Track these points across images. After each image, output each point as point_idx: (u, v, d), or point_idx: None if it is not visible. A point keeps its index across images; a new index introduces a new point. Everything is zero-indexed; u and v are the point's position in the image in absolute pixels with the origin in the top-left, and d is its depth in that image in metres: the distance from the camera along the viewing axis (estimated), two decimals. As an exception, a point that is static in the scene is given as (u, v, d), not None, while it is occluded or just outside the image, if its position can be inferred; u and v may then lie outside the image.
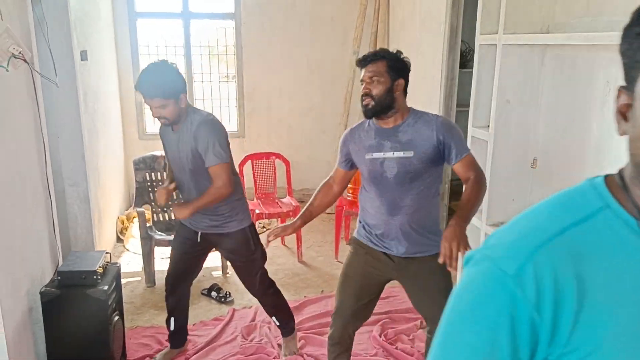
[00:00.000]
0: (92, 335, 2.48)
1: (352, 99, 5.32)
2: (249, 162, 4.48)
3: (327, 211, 5.37)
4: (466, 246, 1.95)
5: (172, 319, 2.79)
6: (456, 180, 4.68)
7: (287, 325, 2.85)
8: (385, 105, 2.08)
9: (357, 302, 2.29)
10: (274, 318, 2.83)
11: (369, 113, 2.10)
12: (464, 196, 2.08)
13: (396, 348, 2.93)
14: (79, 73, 3.44)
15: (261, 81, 5.45)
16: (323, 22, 5.39)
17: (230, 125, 5.60)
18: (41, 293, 2.42)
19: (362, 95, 2.10)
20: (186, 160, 2.43)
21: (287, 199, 4.43)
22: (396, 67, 2.10)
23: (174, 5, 5.29)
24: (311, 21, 5.37)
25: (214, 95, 5.61)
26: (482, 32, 2.86)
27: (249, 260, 2.64)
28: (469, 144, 3.05)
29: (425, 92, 4.27)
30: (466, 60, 4.95)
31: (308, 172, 5.57)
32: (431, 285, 2.20)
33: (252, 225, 2.66)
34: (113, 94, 4.88)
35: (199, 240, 2.60)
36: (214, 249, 2.77)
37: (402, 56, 2.14)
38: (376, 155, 2.14)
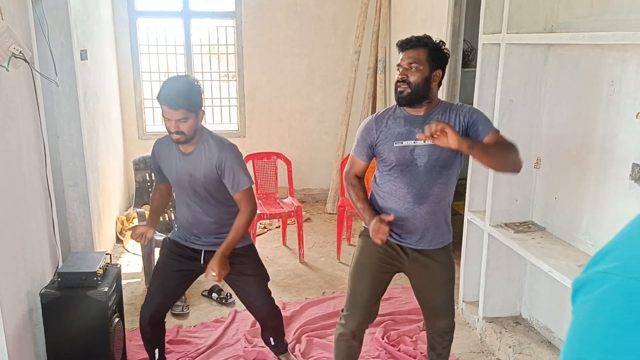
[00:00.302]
0: (92, 337, 2.46)
1: (354, 99, 5.30)
2: (250, 162, 4.46)
3: (329, 211, 5.39)
4: (446, 130, 1.78)
5: (157, 350, 2.59)
6: (459, 181, 4.66)
7: (282, 343, 2.74)
8: (420, 94, 2.03)
9: (372, 293, 2.25)
10: (271, 339, 2.69)
11: (403, 101, 2.05)
12: (499, 147, 1.98)
13: (399, 350, 2.91)
14: (79, 73, 3.42)
15: (262, 80, 5.43)
16: (324, 21, 5.37)
17: (231, 124, 5.58)
18: (41, 294, 2.40)
19: (398, 82, 2.04)
20: (199, 183, 2.33)
21: (288, 199, 4.41)
22: (437, 57, 2.05)
23: (174, 4, 5.27)
24: (312, 20, 5.35)
25: (215, 95, 5.58)
26: (485, 31, 2.84)
27: (259, 275, 2.52)
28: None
29: (427, 92, 4.24)
30: (468, 59, 4.93)
31: (309, 172, 5.56)
32: (439, 276, 2.25)
33: (254, 245, 2.61)
34: (113, 93, 4.86)
35: (202, 261, 2.43)
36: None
37: (444, 47, 2.08)
38: (406, 143, 2.08)
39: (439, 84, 2.11)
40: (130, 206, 5.11)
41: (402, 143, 2.09)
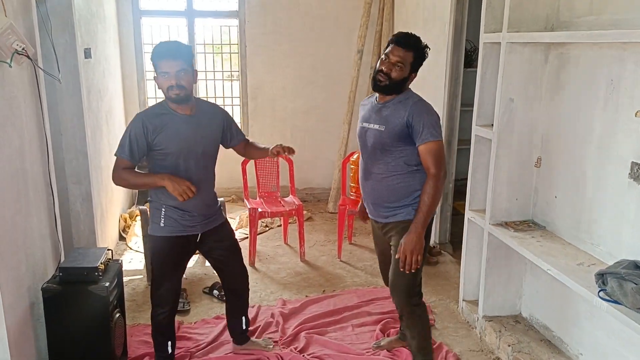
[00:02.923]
0: (93, 331, 2.47)
1: (356, 98, 5.31)
2: (252, 160, 4.47)
3: (330, 210, 5.40)
4: (420, 253, 2.27)
5: (170, 342, 2.64)
6: (460, 180, 4.66)
7: (248, 327, 2.88)
8: (395, 89, 2.32)
9: (383, 261, 2.65)
10: (243, 320, 2.83)
11: (377, 89, 2.34)
12: (422, 197, 2.30)
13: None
14: (83, 71, 3.44)
15: (265, 80, 5.45)
16: (327, 21, 5.38)
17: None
18: (43, 289, 2.42)
19: (380, 72, 2.29)
20: (208, 144, 2.41)
21: (290, 198, 4.42)
22: (417, 63, 2.32)
23: (178, 4, 5.30)
24: (315, 20, 5.36)
25: (218, 94, 5.61)
26: (486, 30, 2.85)
27: (238, 244, 2.70)
28: (472, 143, 3.04)
29: (429, 92, 4.24)
30: (471, 59, 4.92)
31: (311, 171, 5.57)
32: (391, 251, 2.46)
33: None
34: (117, 92, 4.89)
35: (198, 240, 2.52)
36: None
37: (427, 51, 2.34)
38: (364, 124, 2.43)
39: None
40: (133, 204, 5.14)
41: (362, 124, 2.45)
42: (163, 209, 2.40)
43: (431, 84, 4.19)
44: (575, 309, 2.62)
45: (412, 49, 2.28)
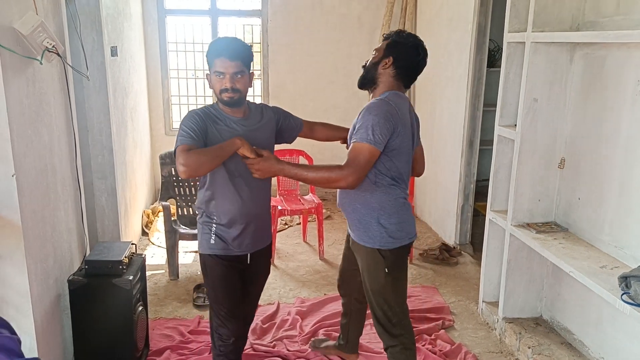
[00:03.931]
0: (116, 323, 2.53)
1: (377, 98, 5.30)
2: (273, 158, 4.50)
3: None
4: (268, 174, 2.05)
5: None
6: (482, 181, 4.63)
7: None
8: (368, 77, 2.18)
9: (341, 275, 2.65)
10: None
11: (358, 82, 2.24)
12: (316, 167, 2.11)
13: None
14: (109, 68, 3.51)
15: (286, 79, 5.48)
16: (350, 20, 5.39)
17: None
18: (69, 281, 2.48)
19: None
20: (265, 144, 2.14)
21: (309, 196, 4.44)
22: (393, 46, 2.14)
23: (202, 3, 5.37)
24: (338, 19, 5.38)
25: (240, 93, 5.65)
26: (510, 29, 2.83)
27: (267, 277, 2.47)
28: (494, 143, 3.02)
29: (451, 92, 4.23)
30: (494, 59, 4.88)
31: (331, 170, 5.57)
32: (363, 276, 2.30)
33: None
34: (141, 89, 4.97)
35: (249, 262, 2.24)
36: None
37: (404, 35, 2.16)
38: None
39: (399, 75, 2.13)
40: (156, 200, 5.22)
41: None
42: (214, 227, 2.16)
43: (454, 83, 4.17)
44: (597, 312, 2.59)
45: (387, 38, 2.19)
